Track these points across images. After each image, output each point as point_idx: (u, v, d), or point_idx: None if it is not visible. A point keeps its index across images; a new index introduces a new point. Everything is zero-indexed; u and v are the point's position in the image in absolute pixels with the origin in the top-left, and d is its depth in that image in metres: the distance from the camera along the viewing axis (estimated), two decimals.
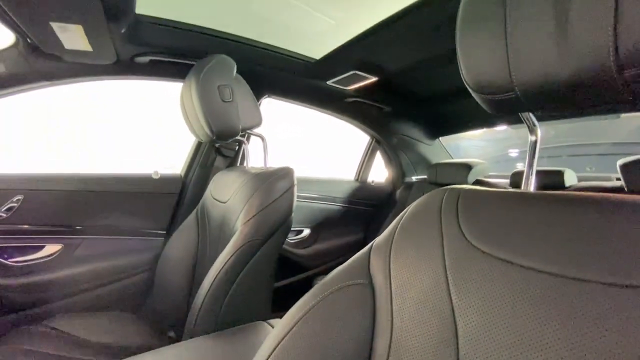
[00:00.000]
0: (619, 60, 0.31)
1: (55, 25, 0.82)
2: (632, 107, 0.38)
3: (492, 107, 0.46)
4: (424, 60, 1.31)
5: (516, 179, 1.50)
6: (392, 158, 2.14)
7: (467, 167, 1.72)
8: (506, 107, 0.45)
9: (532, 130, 0.52)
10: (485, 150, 3.14)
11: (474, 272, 0.40)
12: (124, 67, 1.22)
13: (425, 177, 2.00)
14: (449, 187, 0.53)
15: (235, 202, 1.04)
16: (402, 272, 0.47)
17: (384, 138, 2.05)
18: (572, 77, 0.35)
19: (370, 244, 0.56)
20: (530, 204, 0.41)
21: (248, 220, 0.93)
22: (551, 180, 1.40)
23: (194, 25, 1.14)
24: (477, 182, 1.72)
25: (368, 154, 2.18)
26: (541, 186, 1.42)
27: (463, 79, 0.47)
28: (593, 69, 0.33)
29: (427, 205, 0.51)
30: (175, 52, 1.21)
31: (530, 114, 0.51)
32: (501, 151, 3.13)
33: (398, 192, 2.13)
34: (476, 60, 0.43)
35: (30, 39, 0.94)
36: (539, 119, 0.52)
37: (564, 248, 0.35)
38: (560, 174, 1.39)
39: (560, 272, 0.34)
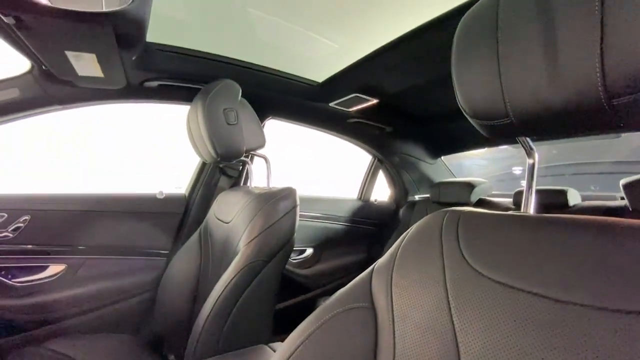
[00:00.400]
0: (608, 90, 0.32)
1: (70, 54, 0.87)
2: (626, 129, 0.39)
3: (489, 132, 0.48)
4: (424, 83, 1.35)
5: (519, 199, 1.49)
6: (395, 177, 2.15)
7: (470, 186, 1.72)
8: (502, 132, 0.46)
9: (529, 154, 0.53)
10: (489, 169, 3.14)
11: (475, 295, 0.40)
12: (133, 92, 1.26)
13: (428, 195, 2.00)
14: (449, 209, 0.53)
15: (238, 222, 1.05)
16: (404, 295, 0.47)
17: (386, 157, 2.07)
18: (564, 106, 0.36)
19: (372, 266, 0.56)
20: (531, 228, 0.42)
21: (250, 241, 0.94)
22: (554, 199, 1.40)
23: (202, 52, 1.19)
24: (480, 202, 1.71)
25: (370, 172, 2.19)
26: (544, 205, 1.41)
27: (459, 105, 0.48)
28: (583, 99, 0.34)
29: (428, 227, 0.52)
30: (183, 77, 1.26)
31: (527, 138, 0.52)
32: (505, 169, 3.13)
33: (401, 210, 2.13)
34: (471, 88, 0.45)
35: (45, 66, 0.98)
36: (537, 140, 0.53)
37: (565, 273, 0.35)
38: (563, 193, 1.38)
39: (562, 297, 0.34)
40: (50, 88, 1.10)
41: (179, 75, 1.25)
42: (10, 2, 0.66)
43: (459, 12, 0.86)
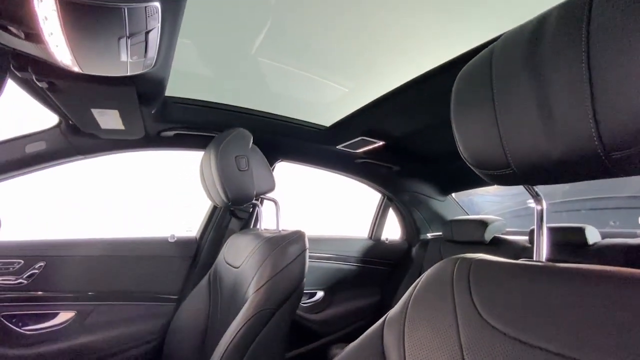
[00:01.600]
0: (605, 145, 0.33)
1: (95, 111, 0.94)
2: (627, 175, 0.40)
3: (493, 180, 0.49)
4: (430, 125, 1.38)
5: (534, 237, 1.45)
6: (405, 215, 2.13)
7: (484, 224, 1.68)
8: (506, 180, 0.47)
9: (536, 200, 0.53)
10: (503, 205, 3.07)
11: (490, 352, 0.39)
12: (150, 141, 1.33)
13: (441, 233, 1.96)
14: (460, 256, 0.53)
15: (247, 267, 1.04)
16: (417, 350, 0.46)
17: (395, 195, 2.06)
18: (564, 157, 0.37)
19: (383, 317, 0.54)
20: (543, 279, 0.41)
21: (259, 287, 0.92)
22: (573, 237, 1.36)
23: (215, 103, 1.27)
24: (495, 240, 1.67)
25: (380, 211, 2.17)
26: (563, 244, 1.36)
27: (462, 155, 0.50)
28: (581, 152, 0.35)
29: (439, 276, 0.51)
30: (197, 126, 1.33)
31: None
32: (520, 204, 3.05)
33: (414, 249, 2.08)
34: (472, 140, 0.47)
35: (71, 121, 1.06)
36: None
37: (580, 330, 0.34)
38: (581, 231, 1.34)
39: (577, 356, 0.33)
40: (75, 140, 1.18)
41: (194, 125, 1.33)
42: (45, 70, 0.73)
43: (464, 58, 0.90)
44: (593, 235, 1.35)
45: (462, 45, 0.89)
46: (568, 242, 1.36)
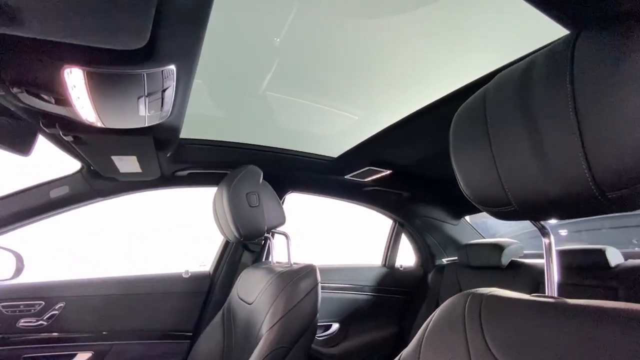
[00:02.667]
0: (599, 186, 0.34)
1: (115, 158, 1.00)
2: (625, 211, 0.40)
3: (496, 216, 0.50)
4: (438, 152, 1.39)
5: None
6: (418, 240, 2.10)
7: (500, 248, 1.64)
8: (509, 216, 0.48)
9: (543, 233, 0.53)
10: (519, 226, 2.99)
11: None
12: (166, 181, 1.39)
13: (456, 258, 1.91)
14: (471, 292, 0.53)
15: (261, 304, 1.05)
16: None
17: (407, 221, 2.04)
18: (561, 198, 0.38)
19: (397, 357, 0.54)
20: (555, 317, 0.41)
21: (273, 325, 0.92)
22: (593, 260, 1.31)
23: (227, 142, 1.32)
24: (512, 265, 1.62)
25: (393, 237, 2.14)
26: (583, 267, 1.32)
27: (464, 192, 0.51)
28: (578, 193, 0.36)
29: (451, 314, 0.51)
30: (210, 164, 1.39)
31: None
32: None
33: (430, 276, 2.02)
34: (472, 178, 0.48)
35: (93, 166, 1.13)
36: None
37: None
38: (602, 253, 1.30)
39: None
40: (95, 184, 1.24)
41: (207, 164, 1.38)
42: (70, 126, 0.80)
43: (469, 89, 0.92)
44: (615, 257, 1.30)
45: (466, 77, 0.91)
46: (588, 265, 1.31)
